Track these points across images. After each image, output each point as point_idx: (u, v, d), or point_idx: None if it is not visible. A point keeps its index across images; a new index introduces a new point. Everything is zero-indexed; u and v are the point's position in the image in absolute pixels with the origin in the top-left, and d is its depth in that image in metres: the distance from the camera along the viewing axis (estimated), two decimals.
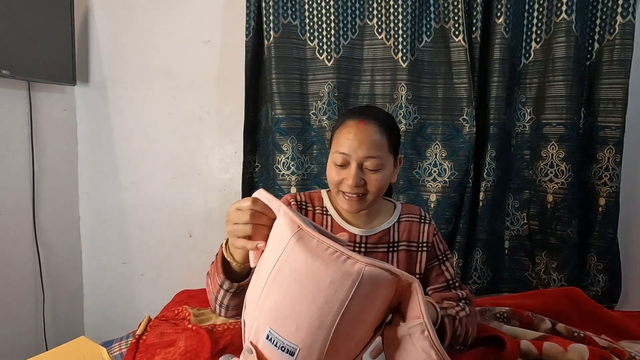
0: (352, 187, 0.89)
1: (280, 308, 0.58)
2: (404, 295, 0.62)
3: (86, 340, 0.94)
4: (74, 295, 1.88)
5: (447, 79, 1.57)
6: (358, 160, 0.88)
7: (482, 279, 1.64)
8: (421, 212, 1.03)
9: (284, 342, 0.57)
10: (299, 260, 0.58)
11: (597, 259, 1.57)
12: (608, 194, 1.53)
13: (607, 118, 1.51)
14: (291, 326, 0.57)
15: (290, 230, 0.60)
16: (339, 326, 0.56)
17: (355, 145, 0.88)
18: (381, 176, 0.90)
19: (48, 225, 1.70)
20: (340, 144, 0.90)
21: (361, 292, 0.56)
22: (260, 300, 0.60)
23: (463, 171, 1.57)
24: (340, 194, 0.92)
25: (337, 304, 0.56)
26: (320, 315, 0.56)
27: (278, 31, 1.56)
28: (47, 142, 1.69)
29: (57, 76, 1.64)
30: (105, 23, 1.77)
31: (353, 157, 0.88)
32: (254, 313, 0.61)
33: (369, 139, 0.88)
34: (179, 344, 1.13)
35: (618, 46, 1.47)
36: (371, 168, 0.89)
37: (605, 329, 1.24)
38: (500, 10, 1.49)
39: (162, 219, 1.83)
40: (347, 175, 0.89)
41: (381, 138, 0.90)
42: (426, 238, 1.00)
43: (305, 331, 0.56)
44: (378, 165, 0.89)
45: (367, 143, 0.88)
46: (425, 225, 1.01)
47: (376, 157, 0.88)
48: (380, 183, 0.90)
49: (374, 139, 0.89)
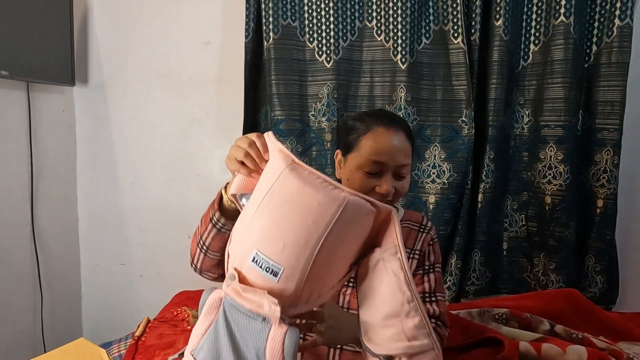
0: (387, 197, 0.87)
1: (270, 228, 0.61)
2: (382, 228, 0.66)
3: (85, 341, 0.94)
4: (72, 296, 1.88)
5: (446, 80, 1.57)
6: (394, 169, 0.88)
7: (480, 280, 1.64)
8: (422, 220, 1.01)
9: (269, 262, 0.60)
10: (291, 186, 0.62)
11: (595, 261, 1.57)
12: (606, 195, 1.54)
13: (605, 120, 1.52)
14: (278, 245, 0.60)
15: (284, 162, 0.64)
16: (321, 248, 0.60)
17: (393, 154, 0.87)
18: (407, 181, 0.92)
19: (46, 226, 1.69)
20: (375, 151, 0.87)
21: (345, 216, 0.60)
22: (250, 225, 0.64)
23: (462, 173, 1.57)
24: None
25: (322, 225, 0.60)
26: (306, 234, 0.60)
27: (277, 32, 1.57)
28: (46, 143, 1.69)
29: (56, 77, 1.64)
30: (104, 23, 1.77)
31: (390, 166, 0.87)
32: (242, 238, 0.65)
33: (403, 146, 0.89)
34: (178, 345, 1.13)
35: (616, 49, 1.47)
36: (403, 175, 0.90)
37: (603, 330, 1.25)
38: (499, 12, 1.49)
39: (161, 220, 1.83)
40: (379, 183, 0.88)
41: (409, 145, 0.91)
42: (420, 246, 0.97)
43: (290, 249, 0.60)
44: (407, 172, 0.91)
45: (402, 151, 0.88)
46: (424, 234, 0.99)
47: (408, 165, 0.90)
48: (406, 188, 0.92)
49: (406, 146, 0.90)
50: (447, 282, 1.61)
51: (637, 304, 1.59)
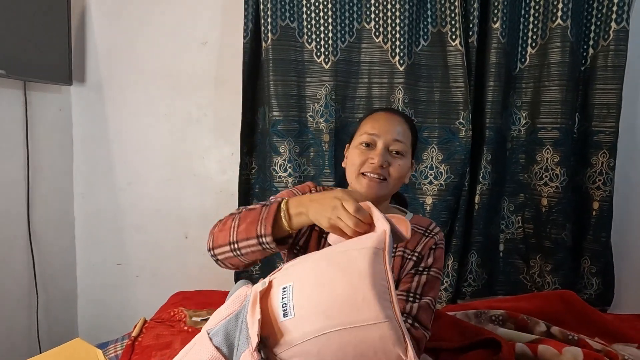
0: (377, 167, 0.91)
1: (317, 279, 0.61)
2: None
3: (81, 342, 0.93)
4: (68, 296, 1.87)
5: (443, 82, 1.58)
6: (386, 142, 0.93)
7: (477, 281, 1.65)
8: (430, 226, 1.00)
9: (290, 301, 0.60)
10: (361, 267, 0.60)
11: (590, 263, 1.58)
12: (602, 198, 1.55)
13: (601, 123, 1.53)
14: (309, 298, 0.60)
15: (376, 243, 0.63)
16: (330, 335, 0.59)
17: (385, 128, 0.94)
18: (404, 163, 0.95)
19: (42, 225, 1.69)
20: (370, 126, 0.96)
21: (370, 334, 0.58)
22: (312, 262, 0.65)
23: (459, 174, 1.58)
24: (360, 177, 0.94)
25: (347, 321, 0.58)
26: (333, 314, 0.58)
27: (276, 33, 1.57)
28: (43, 142, 1.68)
29: (53, 76, 1.63)
30: (102, 23, 1.77)
31: (382, 137, 0.94)
32: (299, 265, 0.66)
33: (398, 125, 0.96)
34: (175, 346, 1.13)
35: (612, 52, 1.48)
36: (398, 150, 0.94)
37: (599, 331, 1.26)
38: (496, 15, 1.50)
39: (158, 220, 1.83)
40: (372, 154, 0.93)
41: (407, 130, 0.97)
42: (420, 248, 0.96)
43: (312, 310, 0.60)
44: (403, 150, 0.94)
45: (395, 128, 0.95)
46: (427, 238, 0.98)
47: (402, 142, 0.94)
48: (402, 170, 0.95)
49: (402, 127, 0.96)
50: (444, 284, 1.62)
51: (632, 305, 1.60)
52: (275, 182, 1.63)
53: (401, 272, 0.96)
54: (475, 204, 1.59)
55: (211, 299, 1.51)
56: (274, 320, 0.61)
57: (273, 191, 1.63)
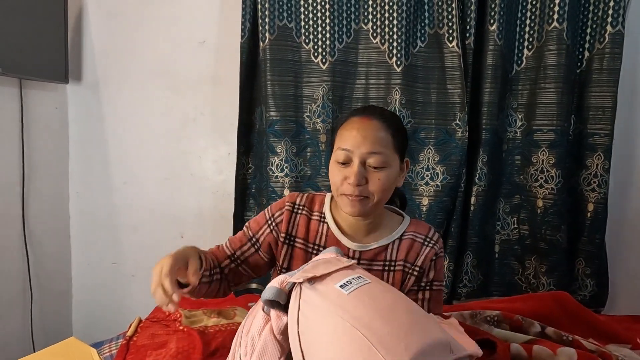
0: (354, 186, 0.84)
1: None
2: None
3: (76, 341, 0.93)
4: (63, 295, 1.86)
5: (440, 84, 1.58)
6: (361, 157, 0.84)
7: (472, 282, 1.65)
8: (429, 233, 0.95)
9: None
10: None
11: (585, 264, 1.59)
12: (596, 199, 1.56)
13: (597, 125, 1.54)
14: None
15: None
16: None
17: (359, 141, 0.84)
18: (385, 175, 0.86)
19: (38, 224, 1.68)
20: (343, 140, 0.87)
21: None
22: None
23: (455, 175, 1.58)
24: (342, 197, 0.87)
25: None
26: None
27: (274, 33, 1.57)
28: (38, 141, 1.67)
29: (50, 74, 1.62)
30: (99, 21, 1.76)
31: (356, 153, 0.84)
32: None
33: (373, 134, 0.85)
34: (170, 345, 1.12)
35: (608, 55, 1.49)
36: (375, 165, 0.85)
37: (593, 332, 1.26)
38: (493, 17, 1.51)
39: (154, 219, 1.82)
40: (349, 173, 0.85)
41: (386, 135, 0.86)
42: (421, 262, 0.92)
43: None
44: (382, 162, 0.85)
45: (370, 138, 0.84)
46: (427, 248, 0.92)
47: (380, 154, 0.85)
48: (385, 183, 0.86)
49: (378, 135, 0.85)
50: None
51: (626, 307, 1.61)
52: (272, 182, 1.63)
53: (402, 287, 0.93)
54: (471, 205, 1.60)
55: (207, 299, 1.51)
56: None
57: (270, 191, 1.63)
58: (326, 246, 0.93)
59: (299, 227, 0.96)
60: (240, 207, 1.70)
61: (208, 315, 1.34)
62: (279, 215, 0.97)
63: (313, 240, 0.95)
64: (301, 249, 0.95)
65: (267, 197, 1.65)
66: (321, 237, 0.95)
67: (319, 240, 0.95)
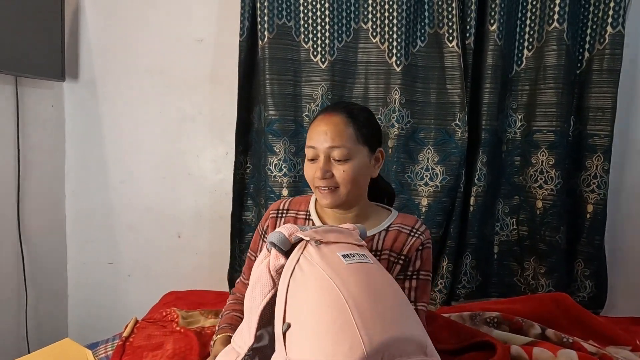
0: (320, 179, 0.91)
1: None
2: None
3: (71, 342, 0.92)
4: (59, 295, 1.84)
5: (440, 84, 1.58)
6: (324, 151, 0.91)
7: (471, 283, 1.65)
8: (415, 224, 0.97)
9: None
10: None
11: (584, 265, 1.59)
12: (596, 201, 1.55)
13: (596, 126, 1.53)
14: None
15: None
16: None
17: (321, 137, 0.91)
18: (349, 167, 0.91)
19: (33, 223, 1.66)
20: (310, 138, 0.94)
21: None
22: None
23: (454, 176, 1.58)
24: (317, 190, 0.94)
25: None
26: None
27: (272, 32, 1.56)
28: (34, 139, 1.66)
29: (46, 71, 1.61)
30: (96, 18, 1.74)
31: (320, 148, 0.91)
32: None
33: (333, 129, 0.91)
34: (167, 346, 1.11)
35: (608, 56, 1.49)
36: (338, 158, 0.91)
37: (592, 334, 1.26)
38: (493, 17, 1.50)
39: (151, 219, 1.81)
40: (315, 167, 0.92)
41: (346, 128, 0.91)
42: (407, 251, 0.94)
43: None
44: (344, 155, 0.90)
45: (330, 133, 0.90)
46: (413, 238, 0.95)
47: (341, 147, 0.90)
48: (350, 174, 0.91)
49: (338, 129, 0.91)
50: (438, 285, 1.61)
51: (624, 308, 1.61)
52: (270, 182, 1.62)
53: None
54: (470, 205, 1.59)
55: (204, 299, 1.50)
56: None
57: (268, 190, 1.62)
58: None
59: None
60: (238, 206, 1.69)
61: (205, 316, 1.33)
62: (266, 226, 1.04)
63: None
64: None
65: (265, 196, 1.64)
66: None
67: None
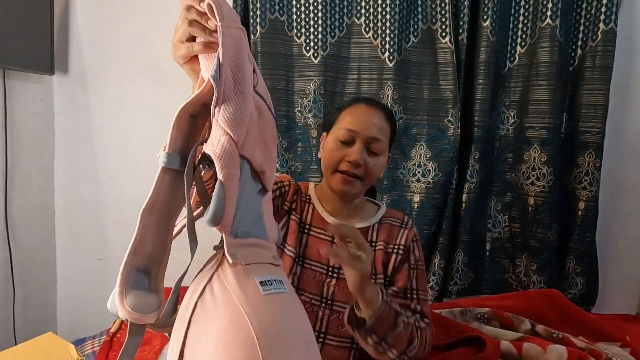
0: (353, 166, 0.89)
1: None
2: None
3: (53, 336, 0.90)
4: (47, 291, 1.82)
5: (433, 80, 1.57)
6: (365, 140, 0.91)
7: (463, 280, 1.64)
8: (404, 218, 1.02)
9: None
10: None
11: (575, 262, 1.59)
12: (587, 198, 1.55)
13: (588, 123, 1.53)
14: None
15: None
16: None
17: (366, 125, 0.91)
18: (379, 163, 0.93)
19: (21, 219, 1.64)
20: (349, 121, 0.92)
21: None
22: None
23: (447, 172, 1.57)
24: (336, 175, 0.92)
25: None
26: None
27: (265, 26, 1.54)
28: (22, 133, 1.63)
29: (35, 65, 1.58)
30: (86, 11, 1.72)
31: (361, 135, 0.91)
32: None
33: (378, 122, 0.93)
34: (155, 342, 1.10)
35: (600, 53, 1.49)
36: (374, 151, 0.92)
37: (583, 330, 1.26)
38: (487, 13, 1.50)
39: None
40: (350, 152, 0.90)
41: (387, 126, 0.95)
42: (403, 241, 0.98)
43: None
44: (380, 150, 0.92)
45: (377, 125, 0.92)
46: (405, 230, 0.99)
47: (381, 141, 0.92)
48: (377, 170, 0.93)
49: (382, 123, 0.94)
50: (430, 282, 1.61)
51: (615, 305, 1.61)
52: None
53: (386, 266, 0.96)
54: (462, 202, 1.59)
55: None
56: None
57: None
58: (312, 224, 0.97)
59: (296, 204, 0.99)
60: None
61: None
62: (287, 185, 1.00)
63: (304, 219, 0.98)
64: (295, 223, 0.97)
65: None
66: (307, 216, 0.99)
67: (305, 219, 0.99)
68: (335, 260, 0.82)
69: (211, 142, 0.53)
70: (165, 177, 0.55)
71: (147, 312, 0.50)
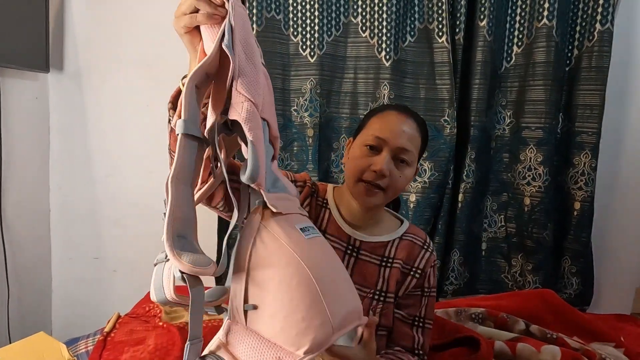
0: (378, 176, 0.83)
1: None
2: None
3: (45, 336, 0.90)
4: (42, 290, 1.81)
5: (429, 79, 1.57)
6: (393, 148, 0.84)
7: (459, 280, 1.65)
8: (427, 239, 0.97)
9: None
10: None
11: (571, 262, 1.59)
12: (583, 198, 1.56)
13: (584, 123, 1.54)
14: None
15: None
16: None
17: (397, 134, 0.84)
18: (405, 175, 0.86)
19: (16, 217, 1.63)
20: (378, 128, 0.86)
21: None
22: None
23: (443, 172, 1.57)
24: (359, 184, 0.86)
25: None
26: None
27: (261, 25, 1.54)
28: (17, 131, 1.62)
29: (29, 62, 1.57)
30: (82, 8, 1.71)
31: (390, 143, 0.84)
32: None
33: (409, 131, 0.86)
34: (149, 341, 1.10)
35: (596, 53, 1.49)
36: (403, 160, 0.85)
37: (577, 331, 1.26)
38: (483, 12, 1.50)
39: (137, 214, 1.78)
40: (376, 160, 0.84)
41: (417, 136, 0.88)
42: (422, 265, 0.93)
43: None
44: (409, 159, 0.86)
45: (407, 135, 0.85)
46: (427, 253, 0.94)
47: (410, 152, 0.86)
48: (403, 182, 0.87)
49: (413, 134, 0.87)
50: None
51: (610, 305, 1.62)
52: None
53: (399, 286, 0.92)
54: (458, 202, 1.59)
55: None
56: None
57: None
58: (327, 231, 0.92)
59: (310, 207, 0.94)
60: None
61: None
62: (301, 185, 0.94)
63: (317, 225, 0.93)
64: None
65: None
66: (322, 221, 0.93)
67: (320, 224, 0.93)
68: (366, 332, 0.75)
69: (234, 109, 0.57)
70: (186, 144, 0.58)
71: (204, 265, 0.54)
